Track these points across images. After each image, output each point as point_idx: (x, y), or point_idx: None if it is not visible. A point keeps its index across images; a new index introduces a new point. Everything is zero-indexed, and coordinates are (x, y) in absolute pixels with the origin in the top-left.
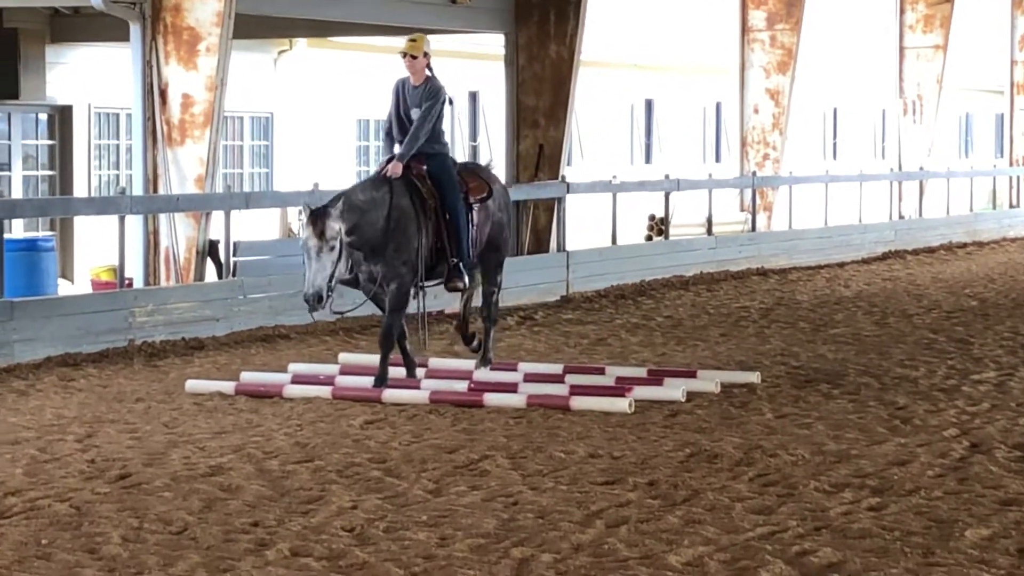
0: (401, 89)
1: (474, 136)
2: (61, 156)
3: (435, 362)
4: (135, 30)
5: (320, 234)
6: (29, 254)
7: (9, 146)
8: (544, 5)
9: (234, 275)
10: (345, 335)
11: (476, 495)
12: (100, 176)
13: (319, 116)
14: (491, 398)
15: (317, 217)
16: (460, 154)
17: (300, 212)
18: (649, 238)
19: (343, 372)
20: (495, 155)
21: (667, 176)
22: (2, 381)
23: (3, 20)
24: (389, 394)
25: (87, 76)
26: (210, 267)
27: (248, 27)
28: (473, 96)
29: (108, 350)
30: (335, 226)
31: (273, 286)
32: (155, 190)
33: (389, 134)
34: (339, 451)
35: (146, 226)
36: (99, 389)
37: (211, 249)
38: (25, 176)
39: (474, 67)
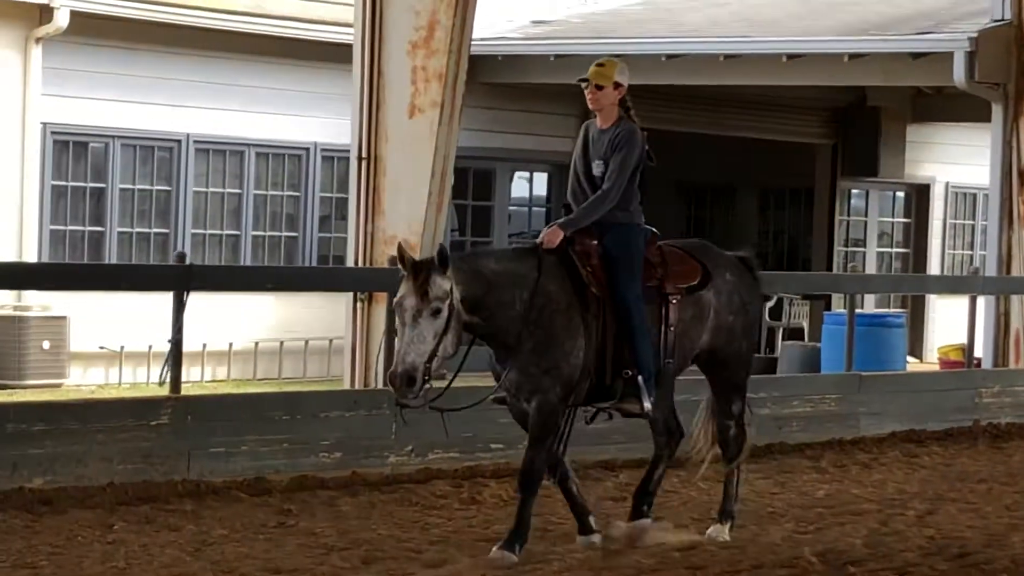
0: (584, 136)
1: None
2: (916, 233)
3: None
4: (997, 111)
5: (421, 291)
6: (879, 329)
7: (865, 222)
8: None
9: None
10: None
11: None
12: (953, 255)
13: None
14: None
15: (419, 268)
16: None
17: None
18: None
19: None
20: None
21: None
22: (847, 452)
23: (867, 100)
24: None
25: (945, 155)
26: None
27: None
28: None
29: (952, 429)
30: (444, 284)
31: None
32: (1008, 271)
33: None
34: None
35: (998, 307)
36: (942, 467)
37: None
38: (879, 252)
39: None
